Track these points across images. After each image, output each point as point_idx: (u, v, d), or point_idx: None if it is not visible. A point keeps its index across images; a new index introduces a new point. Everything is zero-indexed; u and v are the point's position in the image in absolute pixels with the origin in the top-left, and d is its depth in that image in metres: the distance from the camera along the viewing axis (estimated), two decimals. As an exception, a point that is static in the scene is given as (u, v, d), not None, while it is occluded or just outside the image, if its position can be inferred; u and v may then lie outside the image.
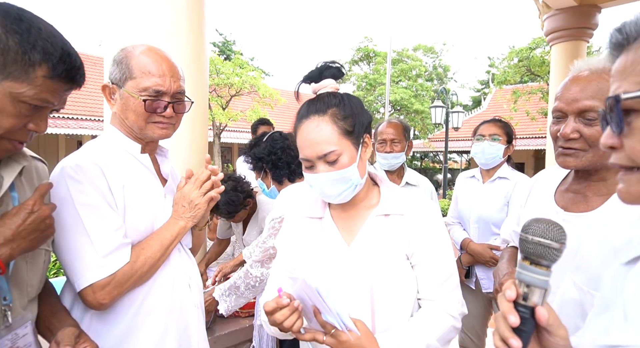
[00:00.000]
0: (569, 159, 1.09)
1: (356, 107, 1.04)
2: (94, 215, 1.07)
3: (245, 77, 13.83)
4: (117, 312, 1.13)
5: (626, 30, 0.52)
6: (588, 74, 1.06)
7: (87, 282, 1.05)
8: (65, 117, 13.03)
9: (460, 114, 12.70)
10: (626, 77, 0.51)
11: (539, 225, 0.61)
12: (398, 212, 1.07)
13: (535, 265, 0.60)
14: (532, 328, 0.61)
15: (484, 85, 29.91)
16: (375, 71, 21.40)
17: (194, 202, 1.22)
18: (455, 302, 1.07)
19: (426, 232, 1.06)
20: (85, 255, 1.05)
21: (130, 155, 1.21)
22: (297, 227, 1.17)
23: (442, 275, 1.06)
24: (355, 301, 1.03)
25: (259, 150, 1.85)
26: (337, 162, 1.00)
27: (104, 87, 1.21)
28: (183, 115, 1.27)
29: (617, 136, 0.52)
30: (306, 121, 1.02)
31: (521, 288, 0.61)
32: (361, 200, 1.11)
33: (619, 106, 0.50)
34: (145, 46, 1.19)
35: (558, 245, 0.60)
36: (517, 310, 0.60)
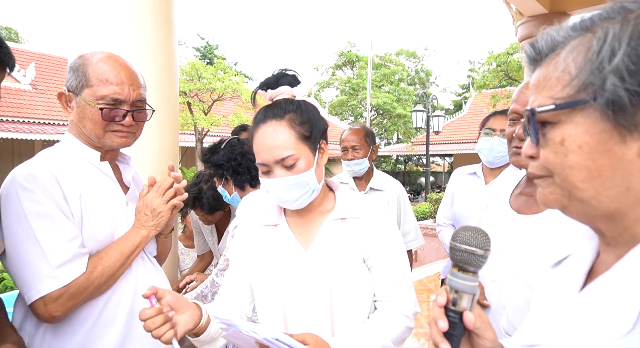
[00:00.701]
0: (522, 158, 1.11)
1: (313, 113, 1.06)
2: (47, 225, 1.03)
3: (228, 82, 13.76)
4: (74, 324, 1.09)
5: (539, 46, 0.55)
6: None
7: (38, 293, 1.00)
8: (42, 122, 12.70)
9: (441, 118, 12.91)
10: (540, 91, 0.53)
11: (465, 233, 0.63)
12: (354, 215, 1.09)
13: (463, 271, 0.62)
14: (461, 332, 0.62)
15: (465, 89, 30.50)
16: (358, 76, 21.60)
17: (157, 210, 1.20)
18: (410, 302, 1.10)
19: (381, 234, 1.08)
20: (37, 266, 1.01)
21: (89, 163, 1.18)
22: (251, 235, 1.16)
23: (396, 276, 1.09)
24: (314, 306, 1.03)
25: (217, 157, 1.83)
26: (295, 167, 1.00)
27: (59, 95, 1.18)
28: (144, 123, 1.25)
29: (535, 146, 0.54)
30: (263, 126, 1.02)
31: (451, 294, 0.63)
32: (317, 206, 1.11)
33: (534, 118, 0.52)
34: (104, 54, 1.17)
35: (482, 252, 0.62)
36: (447, 315, 0.62)
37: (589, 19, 0.50)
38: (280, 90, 1.06)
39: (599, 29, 0.48)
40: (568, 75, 0.49)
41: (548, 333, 0.54)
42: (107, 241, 1.15)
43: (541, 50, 0.54)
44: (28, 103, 13.10)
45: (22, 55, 14.83)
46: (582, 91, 0.48)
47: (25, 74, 13.72)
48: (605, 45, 0.47)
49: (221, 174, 1.84)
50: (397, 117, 20.10)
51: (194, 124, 13.74)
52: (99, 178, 1.19)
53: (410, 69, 26.96)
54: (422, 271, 5.70)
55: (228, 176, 1.83)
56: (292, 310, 1.05)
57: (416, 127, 12.91)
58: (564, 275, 0.62)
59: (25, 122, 12.33)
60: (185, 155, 16.95)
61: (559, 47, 0.52)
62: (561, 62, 0.51)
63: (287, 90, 1.06)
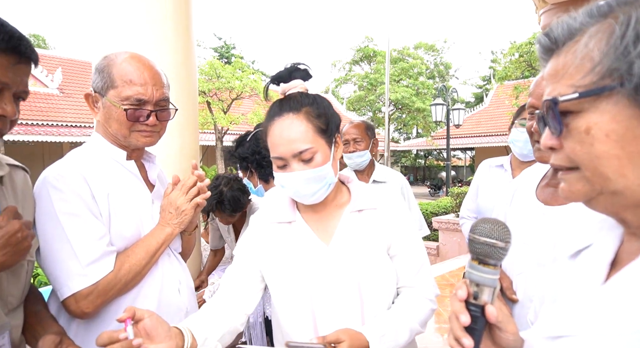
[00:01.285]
0: (545, 153, 1.08)
1: (327, 107, 1.05)
2: (76, 224, 1.06)
3: (246, 81, 13.89)
4: (104, 320, 1.12)
5: (554, 34, 0.53)
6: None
7: (69, 291, 1.04)
8: (69, 125, 13.17)
9: (461, 111, 12.66)
10: (559, 80, 0.52)
11: (485, 225, 0.62)
12: (370, 206, 1.09)
13: (484, 264, 0.62)
14: (483, 326, 0.62)
15: (486, 81, 29.79)
16: (376, 71, 21.41)
17: (181, 208, 1.21)
18: (431, 286, 1.14)
19: (400, 224, 1.10)
20: (67, 265, 1.05)
21: (116, 162, 1.21)
22: (264, 233, 1.14)
23: (417, 263, 1.11)
24: (344, 299, 1.03)
25: (243, 150, 1.85)
26: (312, 161, 0.99)
27: (87, 96, 1.21)
28: (167, 122, 1.26)
29: (556, 137, 0.53)
30: (279, 119, 1.00)
31: (472, 287, 0.62)
32: (332, 200, 1.11)
33: (556, 108, 0.51)
34: (128, 54, 1.18)
35: (503, 244, 0.61)
36: (468, 309, 0.61)
37: (606, 5, 0.49)
38: (293, 84, 1.05)
39: (619, 14, 0.47)
40: (590, 62, 0.48)
41: (573, 324, 0.54)
42: (134, 239, 1.18)
43: (557, 39, 0.53)
44: (56, 107, 13.60)
45: (49, 60, 15.40)
46: (607, 77, 0.47)
47: (53, 79, 14.22)
48: (629, 29, 0.46)
49: (246, 166, 1.87)
50: (417, 111, 19.83)
51: (213, 123, 13.95)
52: (126, 177, 1.22)
53: (429, 62, 26.51)
54: (444, 266, 5.62)
55: (253, 169, 1.86)
56: (321, 306, 1.04)
57: (436, 121, 12.71)
58: (584, 265, 0.61)
59: (53, 125, 12.82)
60: (206, 154, 17.25)
61: (577, 34, 0.51)
62: (581, 49, 0.49)
63: (300, 84, 1.05)
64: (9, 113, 0.88)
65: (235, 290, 1.12)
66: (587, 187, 0.51)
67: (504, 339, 0.62)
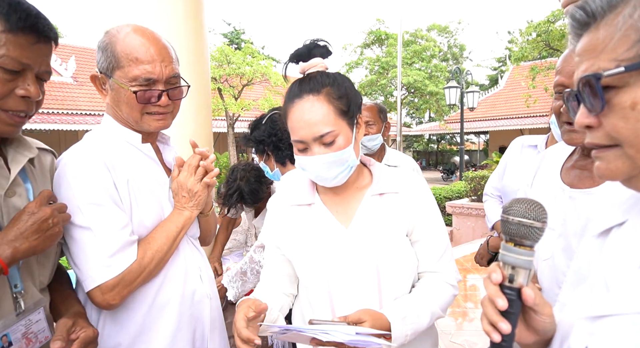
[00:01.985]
0: (575, 135, 1.04)
1: (349, 86, 1.01)
2: (99, 214, 1.02)
3: (257, 66, 13.80)
4: (130, 309, 1.10)
5: (592, 7, 0.51)
6: None
7: (94, 282, 1.01)
8: (83, 113, 13.34)
9: (476, 93, 12.41)
10: (598, 54, 0.50)
11: (519, 205, 0.60)
12: (392, 190, 1.07)
13: (519, 246, 0.60)
14: (519, 309, 0.60)
15: (502, 63, 29.03)
16: (387, 54, 21.00)
17: (193, 190, 1.16)
18: (453, 271, 1.12)
19: (422, 208, 1.08)
20: (91, 256, 1.02)
21: (132, 146, 1.15)
22: (284, 216, 1.13)
23: (440, 248, 1.10)
24: (361, 282, 1.03)
25: (259, 133, 1.83)
26: (334, 144, 0.97)
27: (93, 78, 1.13)
28: (181, 101, 1.17)
29: (594, 115, 0.51)
30: (299, 101, 0.97)
31: (506, 270, 0.60)
32: (353, 182, 1.09)
33: (598, 84, 0.49)
34: (130, 27, 1.09)
35: (540, 224, 0.59)
36: (503, 293, 0.60)
37: None
38: (312, 63, 1.01)
39: None
40: (636, 33, 0.46)
41: (615, 303, 0.52)
42: (155, 225, 1.14)
43: (595, 12, 0.51)
44: (70, 95, 13.77)
45: (62, 49, 15.50)
46: None
47: (67, 67, 14.36)
48: None
49: (262, 149, 1.85)
50: (429, 95, 19.49)
51: (225, 110, 13.96)
52: (143, 161, 1.17)
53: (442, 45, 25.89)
54: (458, 251, 5.61)
55: (269, 152, 1.84)
56: (338, 288, 1.05)
57: (449, 104, 12.48)
58: (619, 243, 0.59)
59: (68, 113, 13.00)
60: (218, 141, 17.33)
61: (619, 5, 0.49)
62: (624, 20, 0.47)
63: (319, 62, 1.01)
64: (32, 94, 0.88)
65: (274, 278, 1.16)
66: (628, 165, 0.49)
67: (540, 322, 0.61)
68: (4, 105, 0.86)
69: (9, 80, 0.85)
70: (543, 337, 0.64)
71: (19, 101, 0.88)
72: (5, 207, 0.90)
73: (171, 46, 1.15)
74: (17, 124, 0.91)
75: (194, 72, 2.02)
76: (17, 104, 0.87)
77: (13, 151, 0.96)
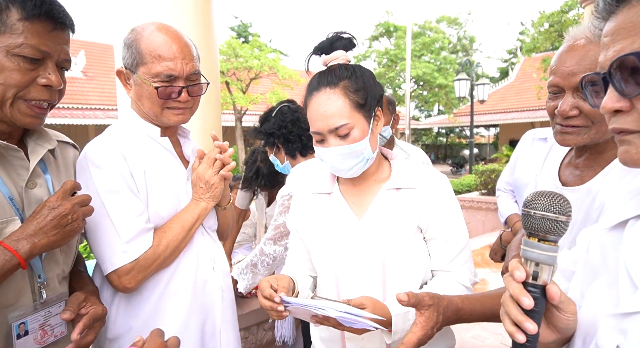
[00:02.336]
0: (568, 137, 1.02)
1: (368, 79, 1.02)
2: (117, 201, 1.08)
3: (264, 60, 13.76)
4: (143, 294, 1.15)
5: None
6: (585, 43, 0.96)
7: (112, 266, 1.07)
8: (93, 108, 13.47)
9: (486, 86, 12.22)
10: (634, 34, 0.46)
11: (543, 198, 0.58)
12: (409, 185, 1.07)
13: (543, 241, 0.57)
14: (543, 308, 0.58)
15: (512, 55, 28.59)
16: (396, 46, 20.79)
17: (210, 182, 1.21)
18: (468, 272, 1.09)
19: (439, 206, 1.06)
20: (109, 241, 1.07)
21: (151, 139, 1.21)
22: (305, 203, 1.17)
23: (455, 248, 1.07)
24: (367, 273, 1.04)
25: (269, 125, 1.83)
26: (349, 136, 0.99)
27: (118, 73, 1.20)
28: (200, 97, 1.23)
29: (627, 99, 0.48)
30: (317, 94, 1.00)
31: (529, 267, 0.58)
32: (372, 175, 1.10)
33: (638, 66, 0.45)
34: (155, 26, 1.15)
35: (565, 218, 0.56)
36: (527, 291, 0.57)
37: None
38: (334, 55, 1.03)
39: None
40: None
41: None
42: (171, 216, 1.18)
43: None
44: (80, 90, 13.90)
45: (72, 43, 15.33)
46: None
47: (77, 62, 14.46)
48: None
49: (272, 142, 1.84)
50: (438, 88, 19.29)
51: (232, 103, 13.97)
52: (161, 153, 1.21)
53: (451, 36, 25.53)
54: (467, 245, 5.57)
55: (279, 144, 1.83)
56: (345, 276, 1.07)
57: (459, 97, 12.33)
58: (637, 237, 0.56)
59: (78, 108, 13.13)
60: (226, 135, 17.38)
61: None
62: None
63: (341, 55, 1.03)
64: (54, 83, 0.88)
65: (299, 260, 1.21)
66: None
67: (563, 319, 0.59)
68: (26, 95, 0.87)
69: (30, 70, 0.85)
70: (564, 335, 0.62)
71: (42, 90, 0.88)
72: (26, 198, 0.91)
73: (193, 44, 1.20)
74: (39, 115, 0.91)
75: (203, 67, 1.99)
76: (39, 93, 0.88)
77: (33, 143, 0.97)
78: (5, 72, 0.82)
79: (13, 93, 0.84)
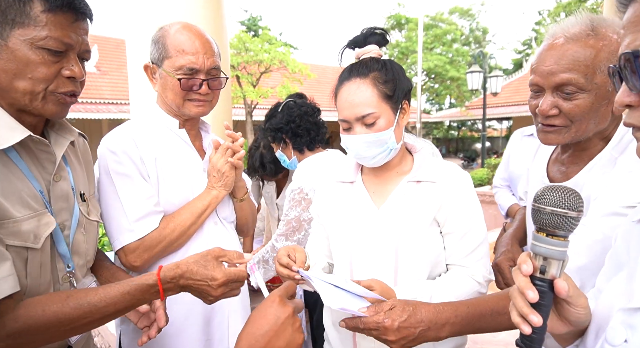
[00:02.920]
0: (550, 135, 1.02)
1: (398, 73, 1.06)
2: (127, 184, 1.15)
3: (274, 53, 13.73)
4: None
5: None
6: (563, 42, 0.95)
7: (119, 244, 1.15)
8: (107, 102, 13.64)
9: (499, 78, 12.02)
10: None
11: (552, 193, 0.57)
12: (430, 179, 1.09)
13: (552, 236, 0.57)
14: (550, 301, 0.58)
15: (527, 46, 28.00)
16: (407, 38, 20.56)
17: (222, 171, 1.25)
18: (483, 268, 1.09)
19: (458, 200, 1.07)
20: (119, 220, 1.15)
21: (169, 130, 1.27)
22: (328, 191, 1.21)
23: (472, 243, 1.08)
24: (380, 262, 1.07)
25: (276, 121, 1.83)
26: (375, 125, 1.03)
27: (145, 67, 1.27)
28: (220, 91, 1.30)
29: (635, 93, 0.47)
30: (347, 83, 1.04)
31: (537, 261, 0.58)
32: (394, 166, 1.13)
33: (638, 62, 0.45)
34: (181, 24, 1.23)
35: (575, 214, 0.56)
36: (534, 284, 0.57)
37: None
38: (367, 49, 1.07)
39: None
40: None
41: None
42: (183, 203, 1.24)
43: None
44: (94, 84, 14.07)
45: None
46: None
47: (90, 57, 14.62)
48: None
49: (280, 137, 1.85)
50: (450, 80, 19.04)
51: (243, 97, 14.00)
52: (177, 144, 1.28)
53: (464, 28, 25.11)
54: (478, 239, 5.51)
55: (287, 139, 1.84)
56: (359, 263, 1.10)
57: (471, 90, 12.15)
58: None
59: (92, 102, 13.30)
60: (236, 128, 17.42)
61: None
62: None
63: (373, 49, 1.07)
64: (77, 74, 0.90)
65: (318, 245, 1.24)
66: None
67: (574, 313, 0.59)
68: (57, 89, 0.88)
69: (55, 62, 0.86)
70: (577, 328, 0.62)
71: (67, 82, 0.89)
72: (53, 191, 0.93)
73: (214, 42, 1.28)
74: (67, 105, 0.93)
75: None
76: (65, 85, 0.89)
77: (55, 134, 0.98)
78: (31, 65, 0.83)
79: (43, 87, 0.85)
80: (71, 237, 0.96)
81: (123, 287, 0.87)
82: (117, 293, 0.86)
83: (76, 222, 0.97)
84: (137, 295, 0.88)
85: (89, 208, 1.04)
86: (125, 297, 0.86)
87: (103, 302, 0.84)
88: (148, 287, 0.88)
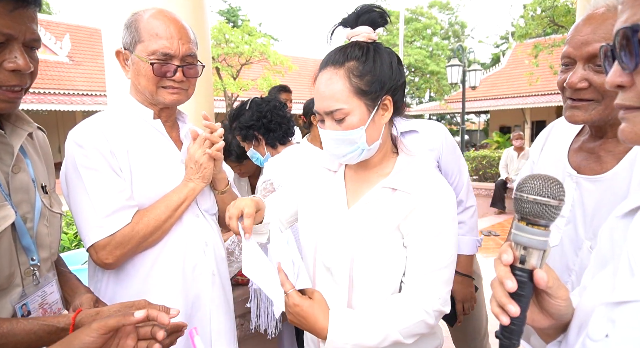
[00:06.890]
0: (577, 112, 0.95)
1: (382, 63, 0.93)
2: (95, 178, 1.10)
3: (255, 45, 13.52)
4: (129, 274, 1.17)
5: None
6: (604, 11, 0.89)
7: (89, 241, 1.09)
8: (80, 93, 13.16)
9: (478, 72, 12.21)
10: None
11: (534, 182, 0.56)
12: (405, 189, 0.97)
13: (533, 225, 0.56)
14: (530, 292, 0.58)
15: (504, 41, 28.53)
16: (388, 31, 20.58)
17: (199, 162, 1.20)
18: (436, 297, 0.94)
19: (429, 214, 0.95)
20: (87, 216, 1.10)
21: (143, 121, 1.21)
22: (312, 174, 1.16)
23: (432, 265, 0.95)
24: (336, 264, 1.01)
25: (246, 118, 1.79)
26: (344, 122, 0.93)
27: (117, 53, 1.21)
28: (196, 80, 1.24)
29: (627, 73, 0.46)
30: (323, 71, 0.95)
31: (518, 251, 0.57)
32: (375, 166, 1.04)
33: (636, 38, 0.43)
34: (155, 9, 1.18)
35: (556, 202, 0.55)
36: (514, 274, 0.57)
37: None
38: (356, 31, 0.95)
39: None
40: None
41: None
42: (159, 196, 1.18)
43: None
44: (67, 75, 13.54)
45: (56, 27, 15.14)
46: None
47: (62, 46, 14.04)
48: None
49: (252, 135, 1.81)
50: (430, 74, 19.23)
51: (223, 89, 13.77)
52: (152, 135, 1.22)
53: (443, 22, 25.34)
54: (457, 230, 5.60)
55: (260, 136, 1.81)
56: (320, 258, 1.05)
57: (451, 83, 12.30)
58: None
59: (65, 94, 12.80)
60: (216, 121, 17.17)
61: None
62: None
63: (364, 31, 0.94)
64: (22, 66, 0.82)
65: (276, 206, 1.19)
66: None
67: (554, 305, 0.59)
68: None
69: None
70: (559, 321, 0.61)
71: (10, 75, 0.82)
72: (12, 183, 0.90)
73: (191, 30, 1.22)
74: (12, 100, 0.86)
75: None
76: (7, 78, 0.82)
77: (11, 125, 0.94)
78: None
79: None
80: (35, 230, 0.93)
81: (30, 325, 0.81)
82: (22, 331, 0.80)
83: (39, 214, 0.94)
84: (43, 337, 0.82)
85: (51, 201, 1.00)
86: (30, 337, 0.81)
87: (3, 338, 0.78)
88: (58, 330, 0.83)
